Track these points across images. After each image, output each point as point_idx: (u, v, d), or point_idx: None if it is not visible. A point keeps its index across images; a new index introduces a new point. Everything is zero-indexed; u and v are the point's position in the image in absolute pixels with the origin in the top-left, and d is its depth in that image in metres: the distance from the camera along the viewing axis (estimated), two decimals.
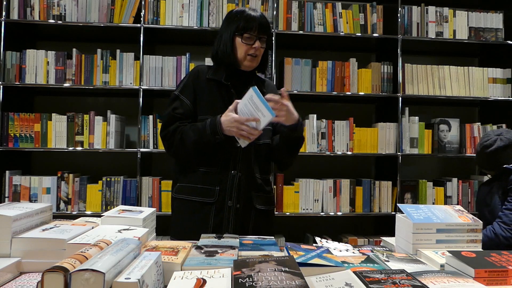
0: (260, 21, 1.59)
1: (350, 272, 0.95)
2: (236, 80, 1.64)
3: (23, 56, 2.59)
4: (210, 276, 0.87)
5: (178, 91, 1.64)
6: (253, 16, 1.59)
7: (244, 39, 1.58)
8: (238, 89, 1.61)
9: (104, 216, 1.19)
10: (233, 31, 1.59)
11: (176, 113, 1.60)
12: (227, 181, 1.58)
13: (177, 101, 1.62)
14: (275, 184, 2.67)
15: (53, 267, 0.70)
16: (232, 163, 1.59)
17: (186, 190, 1.61)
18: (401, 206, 1.27)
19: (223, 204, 1.58)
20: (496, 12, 2.92)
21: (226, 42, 1.60)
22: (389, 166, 2.86)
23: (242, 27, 1.58)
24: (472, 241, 1.19)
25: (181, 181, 1.64)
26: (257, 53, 1.60)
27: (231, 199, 1.58)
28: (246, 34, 1.58)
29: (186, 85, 1.64)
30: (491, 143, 1.92)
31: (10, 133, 2.55)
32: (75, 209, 2.58)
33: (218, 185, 1.58)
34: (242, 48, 1.59)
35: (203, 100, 1.61)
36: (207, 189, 1.58)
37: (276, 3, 2.72)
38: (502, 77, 2.90)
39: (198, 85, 1.63)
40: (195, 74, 1.67)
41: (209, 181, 1.58)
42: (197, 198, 1.57)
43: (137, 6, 2.65)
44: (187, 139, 1.54)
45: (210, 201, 1.57)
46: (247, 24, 1.57)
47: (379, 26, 2.83)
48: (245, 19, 1.58)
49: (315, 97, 2.91)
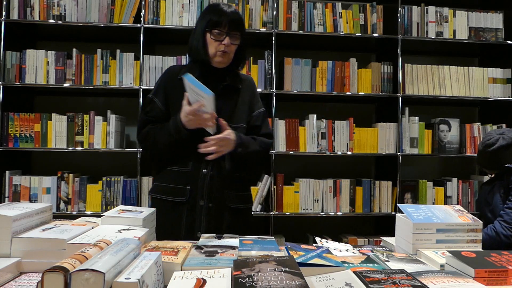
0: (231, 17, 1.56)
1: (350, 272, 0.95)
2: (210, 78, 1.61)
3: (23, 56, 2.59)
4: (210, 276, 0.87)
5: (152, 93, 1.65)
6: (224, 11, 1.56)
7: (214, 35, 1.56)
8: (212, 86, 1.55)
9: (104, 216, 1.19)
10: (204, 27, 1.57)
11: (148, 116, 1.62)
12: (198, 180, 1.57)
13: (150, 104, 1.64)
14: (275, 184, 2.67)
15: (53, 267, 0.70)
16: (204, 162, 1.56)
17: (160, 189, 1.63)
18: (401, 206, 1.27)
19: (194, 203, 1.57)
20: (496, 12, 2.92)
21: (198, 37, 1.59)
22: (389, 166, 2.86)
23: (212, 23, 1.56)
24: (472, 241, 1.19)
25: (157, 180, 1.68)
26: (227, 49, 1.57)
27: (202, 198, 1.57)
28: (216, 30, 1.56)
29: (159, 87, 1.66)
30: (493, 142, 1.92)
31: (10, 133, 2.55)
32: (75, 209, 2.58)
33: (189, 184, 1.57)
34: (212, 45, 1.57)
35: (175, 100, 1.57)
36: (179, 188, 1.58)
37: (276, 3, 2.72)
38: (502, 77, 2.90)
39: (170, 86, 1.63)
40: (167, 75, 1.67)
41: (180, 180, 1.58)
42: (170, 198, 1.58)
43: (137, 6, 2.65)
44: (158, 141, 1.57)
45: (182, 201, 1.57)
46: (217, 19, 1.55)
47: (379, 26, 2.83)
48: (216, 14, 1.56)
49: (315, 97, 2.91)
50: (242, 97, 1.68)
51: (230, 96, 1.65)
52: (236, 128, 1.60)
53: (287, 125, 2.71)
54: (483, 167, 2.08)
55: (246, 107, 1.68)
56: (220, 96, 1.58)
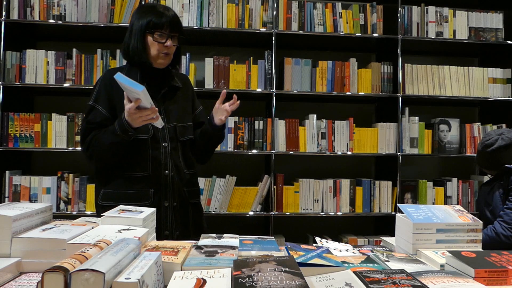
0: (171, 19, 1.58)
1: (350, 272, 0.95)
2: (152, 79, 1.63)
3: (23, 56, 2.59)
4: (210, 276, 0.87)
5: (92, 101, 1.61)
6: (163, 13, 1.57)
7: (156, 38, 1.57)
8: (155, 89, 1.61)
9: (104, 216, 1.19)
10: (143, 28, 1.57)
11: (91, 125, 1.58)
12: (160, 182, 1.60)
13: (92, 112, 1.60)
14: (275, 184, 2.67)
15: (53, 267, 0.70)
16: (163, 164, 1.60)
17: (115, 196, 1.59)
18: (401, 206, 1.27)
19: (159, 205, 1.58)
20: (496, 12, 2.92)
21: (138, 39, 1.58)
22: (389, 166, 2.86)
23: (153, 25, 1.56)
24: (472, 241, 1.19)
25: (106, 188, 1.62)
26: (169, 51, 1.60)
27: (166, 198, 1.60)
28: (158, 32, 1.57)
29: (99, 92, 1.61)
30: (492, 142, 1.92)
31: (10, 133, 2.55)
32: (75, 209, 2.57)
33: (152, 187, 1.58)
34: (154, 47, 1.58)
35: (121, 105, 1.52)
36: (141, 192, 1.58)
37: (276, 3, 2.72)
38: (502, 77, 2.90)
39: (112, 91, 1.58)
40: (107, 79, 1.61)
41: (141, 184, 1.58)
42: (131, 203, 1.51)
43: (137, 6, 2.65)
44: (103, 144, 1.53)
45: (146, 204, 1.54)
46: (158, 21, 1.56)
47: (379, 26, 2.83)
48: (156, 16, 1.56)
49: (315, 97, 2.91)
50: (184, 96, 1.73)
51: (174, 96, 1.69)
52: (186, 127, 1.68)
53: (287, 125, 2.71)
54: (483, 167, 2.08)
55: (189, 106, 1.75)
56: (166, 97, 1.65)
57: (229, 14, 2.70)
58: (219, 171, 2.71)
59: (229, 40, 2.92)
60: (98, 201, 1.63)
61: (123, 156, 1.57)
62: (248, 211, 2.66)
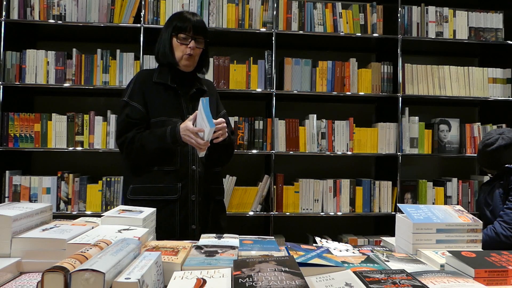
0: (195, 23, 1.68)
1: (350, 272, 0.95)
2: (181, 82, 1.73)
3: (23, 56, 2.59)
4: (210, 276, 0.87)
5: (127, 97, 1.70)
6: (188, 17, 1.69)
7: (180, 39, 1.68)
8: (184, 90, 1.73)
9: (104, 216, 1.19)
10: (170, 32, 1.69)
11: (131, 119, 1.66)
12: (188, 176, 1.66)
13: (128, 107, 1.68)
14: (275, 184, 2.67)
15: (53, 267, 0.70)
16: (190, 159, 1.67)
17: (144, 190, 1.66)
18: (401, 206, 1.27)
19: (186, 199, 1.65)
20: (496, 12, 2.92)
21: (165, 42, 1.70)
22: (389, 166, 2.86)
23: (178, 28, 1.68)
24: (472, 241, 1.19)
25: (136, 182, 1.68)
26: (192, 52, 1.68)
27: (193, 193, 1.67)
28: (182, 34, 1.68)
29: (134, 90, 1.70)
30: (493, 141, 1.93)
31: (10, 133, 2.55)
32: (75, 209, 2.57)
33: (180, 182, 1.65)
34: (178, 48, 1.69)
35: (154, 103, 1.68)
36: (169, 186, 1.65)
37: (276, 3, 2.72)
38: (502, 77, 2.90)
39: (146, 89, 1.70)
40: (141, 78, 1.74)
41: (169, 178, 1.65)
42: (159, 197, 1.63)
43: (137, 6, 2.65)
44: (148, 146, 1.61)
45: (174, 198, 1.64)
46: (182, 25, 1.67)
47: (379, 26, 2.83)
48: (180, 20, 1.68)
49: (315, 97, 2.91)
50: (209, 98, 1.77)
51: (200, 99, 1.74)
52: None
53: (287, 125, 2.71)
54: (483, 167, 2.08)
55: (214, 108, 1.81)
56: (192, 99, 1.74)
57: (229, 14, 2.70)
58: None
59: (229, 40, 2.92)
60: (128, 196, 1.69)
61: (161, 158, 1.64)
62: (248, 211, 2.66)
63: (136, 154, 1.63)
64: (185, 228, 1.65)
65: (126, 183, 1.74)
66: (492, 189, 1.94)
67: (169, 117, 1.65)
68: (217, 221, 1.76)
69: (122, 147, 1.67)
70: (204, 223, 1.70)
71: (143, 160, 1.66)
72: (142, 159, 1.65)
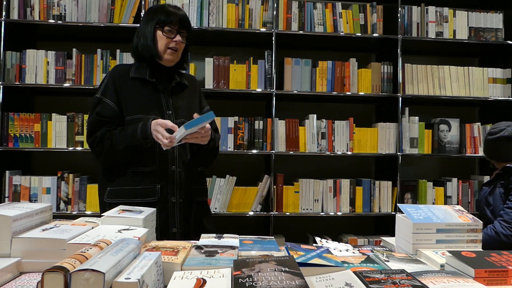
0: (181, 16, 1.63)
1: (350, 272, 0.95)
2: (160, 76, 1.66)
3: (23, 56, 2.59)
4: (210, 276, 0.87)
5: (100, 93, 1.61)
6: (173, 11, 1.63)
7: (165, 32, 1.62)
8: (163, 85, 1.65)
9: (104, 216, 1.19)
10: (154, 25, 1.62)
11: (101, 117, 1.57)
12: (167, 177, 1.59)
13: (100, 104, 1.59)
14: (275, 184, 2.67)
15: (53, 267, 0.70)
16: (170, 159, 1.59)
17: (122, 193, 1.57)
18: (401, 206, 1.27)
19: (166, 201, 1.58)
20: (496, 12, 2.92)
21: (147, 35, 1.62)
22: (389, 166, 2.86)
23: (163, 21, 1.61)
24: (472, 241, 1.19)
25: (112, 185, 1.60)
26: (177, 46, 1.63)
27: (174, 195, 1.59)
28: (167, 27, 1.62)
29: (107, 86, 1.61)
30: (496, 131, 1.95)
31: (10, 133, 2.55)
32: (75, 209, 2.57)
33: (159, 183, 1.57)
34: (162, 41, 1.62)
35: (129, 100, 1.59)
36: (148, 188, 1.57)
37: (276, 3, 2.72)
38: (502, 77, 2.90)
39: (120, 85, 1.61)
40: (116, 74, 1.64)
41: (148, 180, 1.57)
42: (137, 200, 1.53)
43: (137, 6, 2.65)
44: (117, 145, 1.52)
45: (153, 200, 1.55)
46: (167, 18, 1.61)
47: (379, 26, 2.83)
48: (166, 14, 1.62)
49: (315, 97, 2.91)
50: (190, 95, 1.74)
51: (180, 94, 1.70)
52: None
53: (287, 125, 2.71)
54: (485, 154, 2.10)
55: (197, 103, 1.76)
56: (174, 92, 1.67)
57: (229, 14, 2.70)
58: (219, 171, 2.71)
59: (229, 40, 2.92)
60: (105, 199, 1.60)
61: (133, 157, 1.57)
62: (248, 211, 2.66)
63: (106, 153, 1.55)
64: (166, 232, 1.57)
65: (102, 186, 1.63)
66: (493, 189, 1.94)
67: (147, 114, 1.55)
68: (201, 223, 1.67)
69: (93, 147, 1.58)
70: (186, 226, 1.62)
71: (114, 160, 1.57)
72: (113, 159, 1.57)
